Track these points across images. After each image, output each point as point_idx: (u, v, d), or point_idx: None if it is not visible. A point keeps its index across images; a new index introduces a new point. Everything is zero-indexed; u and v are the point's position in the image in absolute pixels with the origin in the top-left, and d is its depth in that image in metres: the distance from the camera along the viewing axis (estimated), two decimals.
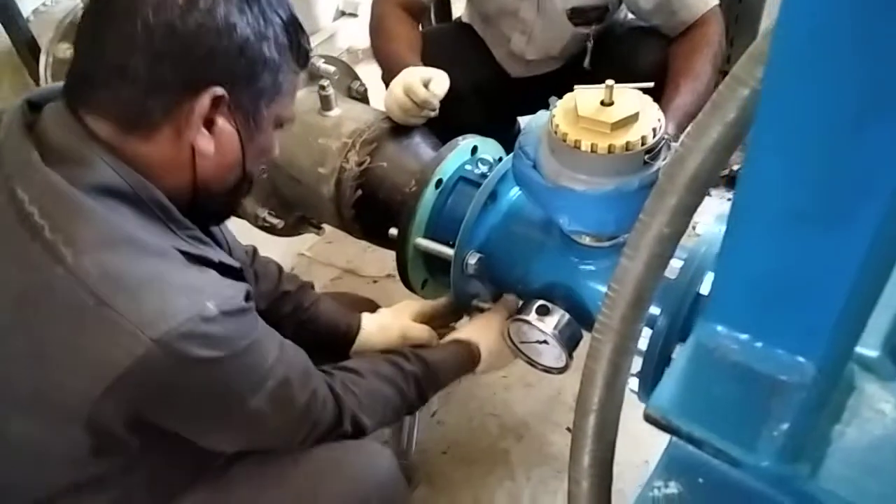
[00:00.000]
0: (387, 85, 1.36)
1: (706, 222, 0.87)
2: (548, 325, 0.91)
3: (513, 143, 0.93)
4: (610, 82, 0.79)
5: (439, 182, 1.02)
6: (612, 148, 0.78)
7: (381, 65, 1.30)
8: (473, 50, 1.50)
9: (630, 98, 0.81)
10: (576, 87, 0.84)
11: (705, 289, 0.82)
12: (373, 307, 1.13)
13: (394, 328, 1.04)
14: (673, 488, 0.41)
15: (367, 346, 1.04)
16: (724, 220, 0.89)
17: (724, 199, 1.81)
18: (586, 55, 1.39)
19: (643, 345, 0.84)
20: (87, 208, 0.63)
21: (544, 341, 0.94)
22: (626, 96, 0.81)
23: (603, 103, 0.80)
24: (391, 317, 1.06)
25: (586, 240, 0.93)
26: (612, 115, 0.79)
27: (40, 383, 0.65)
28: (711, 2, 1.26)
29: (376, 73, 1.36)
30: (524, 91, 1.48)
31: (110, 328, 0.61)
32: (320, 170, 1.14)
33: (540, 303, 0.93)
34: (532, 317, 0.92)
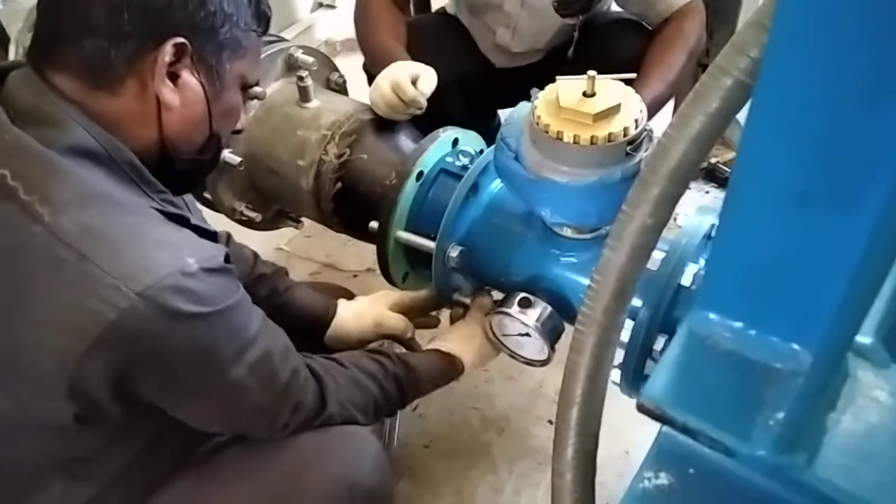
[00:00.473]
0: (369, 73, 1.34)
1: (688, 214, 0.87)
2: (530, 317, 0.91)
3: (493, 136, 0.93)
4: (592, 73, 0.79)
5: (420, 174, 1.01)
6: (594, 139, 0.78)
7: (366, 54, 1.28)
8: (458, 40, 1.49)
9: (612, 89, 0.81)
10: (558, 78, 0.83)
11: (687, 280, 0.82)
12: (349, 295, 1.12)
13: (368, 316, 1.03)
14: (664, 479, 0.41)
15: (342, 332, 1.03)
16: (706, 212, 0.89)
17: (703, 192, 1.83)
18: (570, 46, 1.39)
19: (625, 336, 0.84)
20: (61, 168, 0.63)
21: (526, 334, 0.94)
22: (607, 87, 0.81)
23: (585, 94, 0.80)
24: (367, 305, 1.06)
25: (568, 232, 0.93)
26: (595, 106, 0.78)
27: (22, 344, 0.64)
28: None
29: (355, 65, 1.35)
30: (507, 82, 1.47)
31: (92, 283, 0.60)
32: (299, 162, 1.12)
33: (522, 295, 0.93)
34: (514, 309, 0.92)
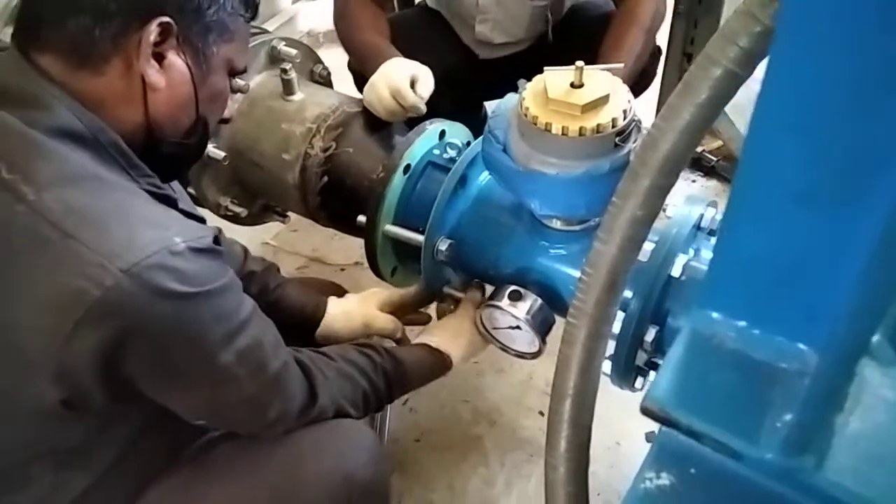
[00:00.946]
0: (355, 73, 1.33)
1: (675, 203, 0.87)
2: (520, 310, 0.91)
3: (480, 128, 0.92)
4: (580, 64, 0.78)
5: (407, 167, 1.00)
6: (582, 130, 0.78)
7: (352, 53, 1.27)
8: (441, 34, 1.48)
9: (600, 80, 0.80)
10: (545, 69, 0.83)
11: (676, 271, 0.82)
12: (341, 292, 1.11)
13: (357, 316, 1.03)
14: (665, 479, 0.40)
15: (330, 331, 1.03)
16: (695, 202, 0.89)
17: (689, 181, 1.84)
18: (548, 31, 1.39)
19: (616, 328, 0.84)
20: (45, 148, 0.63)
21: (517, 327, 0.93)
22: (595, 78, 0.80)
23: (573, 85, 0.79)
24: (357, 304, 1.05)
25: (557, 224, 0.93)
26: (583, 97, 0.78)
27: (7, 325, 0.63)
28: None
29: (338, 57, 1.33)
30: (493, 73, 1.47)
31: (77, 261, 0.60)
32: (284, 156, 1.11)
33: (512, 288, 0.92)
34: (504, 302, 0.92)
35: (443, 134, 1.06)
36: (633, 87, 0.84)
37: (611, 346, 0.85)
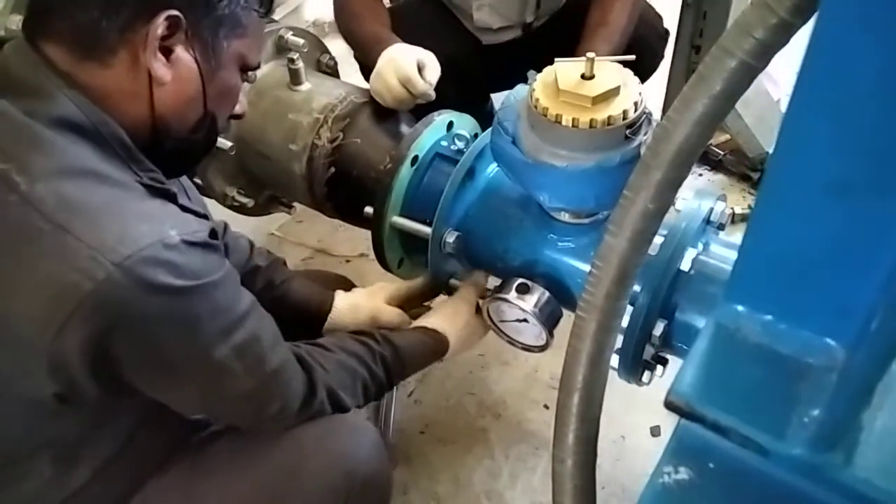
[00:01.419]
0: (362, 63, 1.32)
1: (686, 198, 0.86)
2: (528, 303, 0.91)
3: (486, 120, 0.91)
4: (591, 55, 0.77)
5: (415, 159, 1.00)
6: (593, 122, 0.77)
7: (355, 45, 1.26)
8: (445, 22, 1.48)
9: (611, 71, 0.79)
10: (556, 60, 0.82)
11: (686, 265, 0.82)
12: (348, 285, 1.11)
13: (365, 310, 1.02)
14: (683, 474, 0.40)
15: (338, 325, 1.02)
16: (704, 195, 0.88)
17: (696, 175, 1.82)
18: (548, 13, 1.41)
19: (624, 322, 0.83)
20: (42, 139, 0.62)
21: (524, 320, 0.93)
22: (606, 69, 0.79)
23: (583, 77, 0.78)
24: (364, 298, 1.05)
25: (565, 217, 0.92)
26: (594, 88, 0.77)
27: (0, 316, 0.63)
28: None
29: (344, 47, 1.32)
30: (498, 59, 1.47)
31: (69, 253, 0.59)
32: (291, 146, 1.10)
33: (519, 281, 0.92)
34: (512, 295, 0.91)
35: (451, 125, 1.05)
36: (639, 70, 0.83)
37: (618, 340, 0.85)
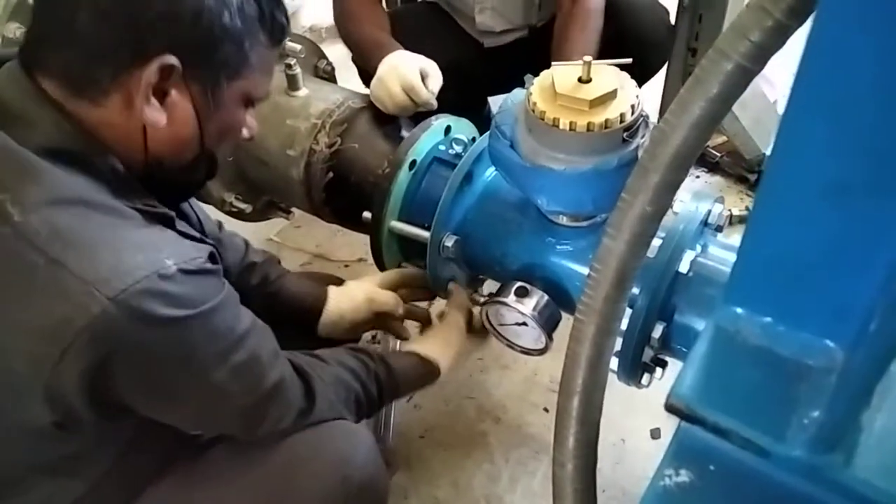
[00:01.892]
0: (361, 68, 1.33)
1: (684, 200, 0.87)
2: (527, 306, 0.91)
3: (484, 124, 0.91)
4: (588, 58, 0.77)
5: (413, 163, 1.00)
6: (590, 126, 0.77)
7: (354, 49, 1.27)
8: (444, 26, 1.48)
9: (608, 75, 0.80)
10: (553, 63, 0.82)
11: (684, 267, 0.82)
12: (339, 283, 1.11)
13: (359, 293, 1.03)
14: (684, 476, 0.40)
15: (335, 313, 1.02)
16: (702, 198, 0.89)
17: (693, 177, 1.83)
18: (533, 14, 1.41)
19: (623, 324, 0.83)
20: (36, 168, 0.61)
21: (523, 323, 0.93)
22: (603, 73, 0.80)
23: (581, 80, 0.78)
24: (357, 284, 1.05)
25: (564, 220, 0.92)
26: (591, 91, 0.77)
27: None
28: None
29: (341, 52, 1.33)
30: (500, 62, 1.48)
31: (63, 288, 0.59)
32: (289, 152, 1.10)
33: (518, 284, 0.92)
34: (510, 299, 0.91)
35: (448, 130, 1.05)
36: (645, 67, 0.83)
37: (617, 343, 0.85)
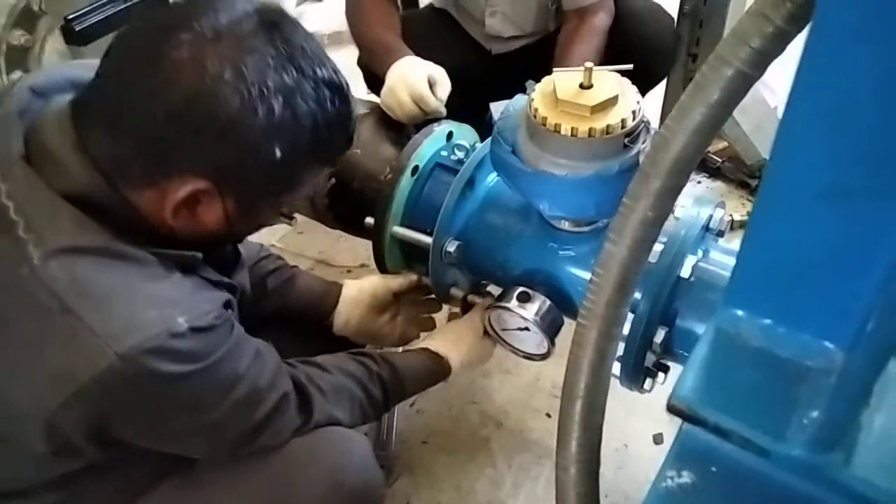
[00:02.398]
0: (366, 71, 1.33)
1: (685, 205, 0.87)
2: (529, 311, 0.91)
3: (485, 130, 0.92)
4: (589, 64, 0.78)
5: (415, 169, 1.00)
6: (592, 131, 0.78)
7: (363, 49, 1.28)
8: (452, 32, 1.49)
9: (609, 80, 0.80)
10: (554, 70, 0.83)
11: (686, 272, 0.82)
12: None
13: (373, 276, 1.06)
14: (686, 477, 0.40)
15: (353, 296, 1.04)
16: (703, 203, 0.89)
17: (694, 182, 1.83)
18: (551, 20, 1.42)
19: (625, 329, 0.84)
20: (63, 213, 0.62)
21: (525, 328, 0.93)
22: (605, 79, 0.80)
23: (582, 86, 0.79)
24: (361, 280, 1.07)
25: (566, 225, 0.93)
26: (592, 97, 0.78)
27: (1, 383, 0.63)
28: None
29: (342, 59, 1.33)
30: (507, 68, 1.48)
31: (74, 337, 0.59)
32: None
33: (520, 289, 0.92)
34: (513, 304, 0.91)
35: (450, 135, 1.06)
36: (651, 73, 0.84)
37: (619, 348, 0.85)
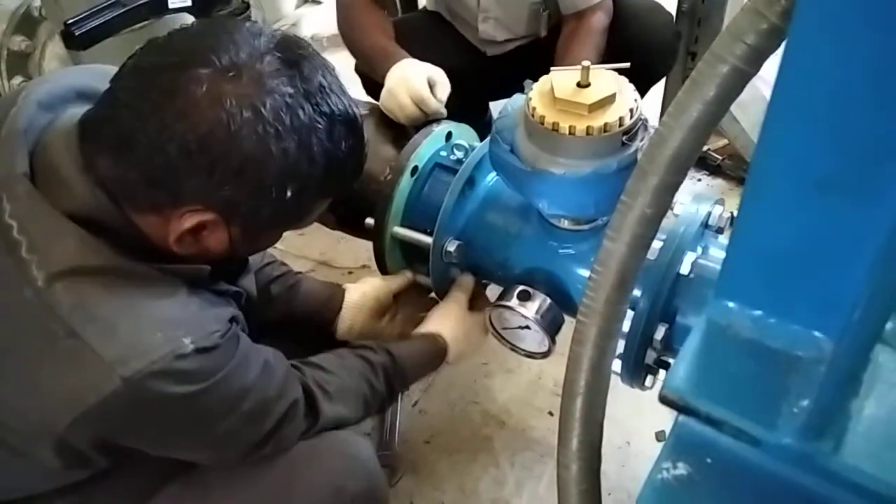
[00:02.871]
0: (365, 77, 1.34)
1: (682, 202, 0.87)
2: (529, 310, 0.91)
3: (485, 130, 0.92)
4: (586, 63, 0.78)
5: (415, 169, 1.01)
6: (590, 129, 0.78)
7: (360, 57, 1.28)
8: (445, 34, 1.50)
9: (606, 79, 0.80)
10: (552, 69, 0.83)
11: (685, 269, 0.82)
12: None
13: (374, 279, 1.06)
14: (682, 469, 0.41)
15: (356, 300, 1.04)
16: (702, 200, 0.89)
17: (695, 180, 1.83)
18: (542, 26, 1.42)
19: (625, 326, 0.84)
20: (67, 232, 0.61)
21: (526, 326, 0.93)
22: (602, 77, 0.80)
23: (579, 85, 0.79)
24: (362, 284, 1.08)
25: (565, 223, 0.93)
26: (590, 96, 0.78)
27: (8, 404, 0.64)
28: None
29: (342, 61, 1.33)
30: (502, 69, 1.49)
31: (79, 361, 0.60)
32: None
33: (521, 288, 0.92)
34: (513, 302, 0.92)
35: (449, 136, 1.06)
36: (652, 72, 0.84)
37: (620, 345, 0.85)
